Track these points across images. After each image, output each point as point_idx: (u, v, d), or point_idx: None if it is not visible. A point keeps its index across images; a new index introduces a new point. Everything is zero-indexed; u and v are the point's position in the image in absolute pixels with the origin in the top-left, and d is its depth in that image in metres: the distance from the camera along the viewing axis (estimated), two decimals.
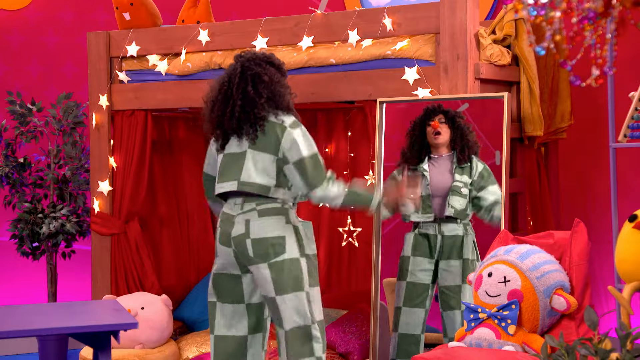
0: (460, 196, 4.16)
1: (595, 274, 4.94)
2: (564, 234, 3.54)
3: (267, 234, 3.71)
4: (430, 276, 4.26)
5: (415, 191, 3.95)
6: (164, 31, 5.14)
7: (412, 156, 4.28)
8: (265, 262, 3.70)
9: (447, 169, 4.22)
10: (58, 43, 6.25)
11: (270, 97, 3.77)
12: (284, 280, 3.70)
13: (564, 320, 3.36)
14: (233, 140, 3.81)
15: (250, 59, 3.83)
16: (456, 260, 4.17)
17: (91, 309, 3.97)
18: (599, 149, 5.03)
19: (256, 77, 3.77)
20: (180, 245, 5.78)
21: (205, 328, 5.43)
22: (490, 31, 4.46)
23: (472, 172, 4.19)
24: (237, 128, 3.76)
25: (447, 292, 4.19)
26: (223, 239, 3.80)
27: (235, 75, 3.80)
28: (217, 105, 3.82)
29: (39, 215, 5.58)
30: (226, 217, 3.80)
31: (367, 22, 4.49)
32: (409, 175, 4.19)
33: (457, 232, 4.18)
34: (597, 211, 5.03)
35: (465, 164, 4.19)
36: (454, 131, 4.23)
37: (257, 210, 3.73)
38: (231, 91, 3.78)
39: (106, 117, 5.28)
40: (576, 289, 3.38)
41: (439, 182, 4.21)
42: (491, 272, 3.39)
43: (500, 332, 3.29)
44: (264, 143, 3.73)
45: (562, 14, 2.01)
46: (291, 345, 3.73)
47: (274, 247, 3.71)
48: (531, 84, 4.44)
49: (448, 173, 4.22)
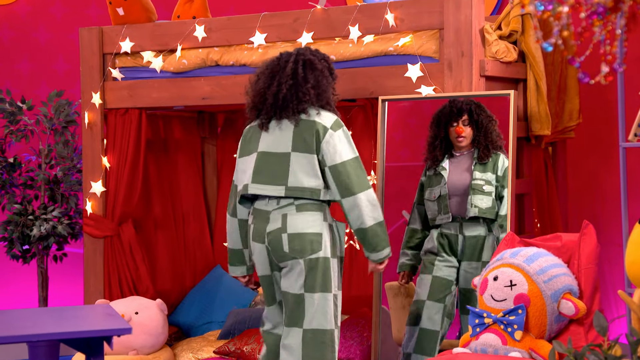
0: (483, 194, 4.14)
1: (604, 278, 4.95)
2: (572, 236, 3.54)
3: (305, 229, 3.75)
4: (455, 274, 4.24)
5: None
6: (159, 27, 5.14)
7: (434, 156, 4.27)
8: (301, 258, 3.75)
9: (466, 167, 4.21)
10: (49, 39, 6.25)
11: (315, 86, 3.84)
12: (316, 278, 3.74)
13: (572, 325, 3.36)
14: (273, 124, 3.85)
15: (307, 49, 3.97)
16: (477, 262, 4.17)
17: (83, 314, 3.97)
18: (608, 149, 5.04)
19: (308, 63, 3.89)
20: (175, 248, 5.79)
21: (201, 333, 5.43)
22: (496, 27, 4.46)
23: (495, 167, 4.17)
24: (281, 105, 3.81)
25: (468, 294, 4.19)
26: (256, 236, 3.84)
27: (289, 57, 3.91)
28: (262, 80, 3.92)
29: (29, 217, 5.58)
30: (259, 213, 3.83)
31: (368, 17, 4.49)
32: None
33: (480, 232, 4.18)
34: (607, 213, 5.04)
35: (487, 160, 4.18)
36: (477, 130, 4.21)
37: (296, 205, 3.76)
38: (281, 69, 3.88)
39: (99, 115, 5.28)
40: (585, 293, 3.38)
41: (457, 180, 4.20)
42: (497, 276, 3.39)
43: (507, 337, 3.29)
44: (304, 144, 3.78)
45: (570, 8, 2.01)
46: (307, 347, 3.75)
47: (312, 243, 3.75)
48: (538, 82, 4.45)
49: (466, 172, 4.20)
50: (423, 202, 4.34)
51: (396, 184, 4.50)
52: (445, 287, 4.20)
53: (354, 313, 5.11)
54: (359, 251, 5.53)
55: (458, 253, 4.21)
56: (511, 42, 4.46)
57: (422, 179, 4.34)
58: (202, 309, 5.55)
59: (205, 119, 5.98)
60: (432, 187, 4.25)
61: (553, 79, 4.69)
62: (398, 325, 4.46)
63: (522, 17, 4.39)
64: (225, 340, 5.17)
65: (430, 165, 4.27)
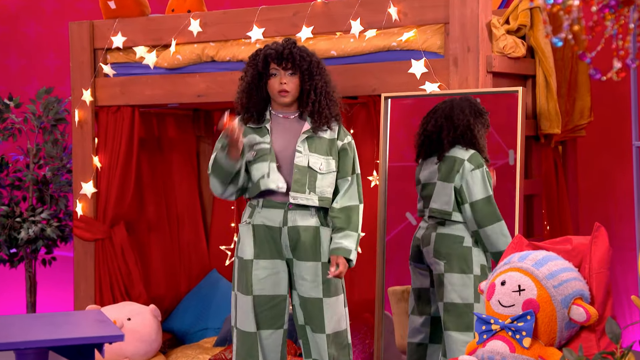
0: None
1: (617, 283, 4.94)
2: (584, 239, 3.54)
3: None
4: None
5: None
6: (153, 21, 5.14)
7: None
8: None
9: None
10: (38, 33, 6.25)
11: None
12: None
13: (583, 332, 3.36)
14: None
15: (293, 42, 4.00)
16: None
17: (73, 321, 3.97)
18: (621, 148, 5.03)
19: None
20: (169, 251, 5.79)
21: (196, 340, 5.43)
22: (504, 21, 4.46)
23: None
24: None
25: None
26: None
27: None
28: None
29: (17, 219, 5.58)
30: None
31: (370, 11, 4.49)
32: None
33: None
34: (619, 215, 5.04)
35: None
36: None
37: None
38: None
39: (90, 113, 5.28)
40: (597, 298, 3.38)
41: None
42: (504, 280, 3.38)
43: (515, 345, 3.29)
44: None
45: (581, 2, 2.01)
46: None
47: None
48: (548, 78, 4.45)
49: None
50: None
51: (399, 184, 4.50)
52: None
53: (356, 319, 5.10)
54: (360, 254, 5.53)
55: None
56: (519, 37, 4.46)
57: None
58: (197, 315, 5.55)
59: (201, 117, 5.98)
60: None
61: (563, 75, 4.69)
62: (401, 331, 4.45)
63: (530, 10, 4.39)
64: (221, 347, 5.17)
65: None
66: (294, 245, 3.88)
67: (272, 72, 3.89)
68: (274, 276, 3.90)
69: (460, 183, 4.04)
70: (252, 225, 3.91)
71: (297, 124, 3.94)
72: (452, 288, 4.04)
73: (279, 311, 3.91)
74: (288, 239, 3.87)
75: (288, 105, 3.92)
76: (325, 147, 3.91)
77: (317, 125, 3.87)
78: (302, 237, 3.86)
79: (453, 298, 4.03)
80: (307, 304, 3.89)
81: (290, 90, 3.87)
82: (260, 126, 3.94)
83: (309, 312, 3.89)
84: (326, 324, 3.89)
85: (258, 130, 3.94)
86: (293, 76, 3.89)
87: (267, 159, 3.88)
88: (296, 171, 3.85)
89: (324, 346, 3.88)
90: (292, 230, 3.87)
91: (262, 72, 3.90)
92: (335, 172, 3.93)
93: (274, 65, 3.88)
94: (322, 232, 3.90)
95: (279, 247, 3.90)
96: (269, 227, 3.89)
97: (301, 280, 3.88)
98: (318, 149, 3.90)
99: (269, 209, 3.89)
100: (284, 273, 3.92)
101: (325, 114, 3.89)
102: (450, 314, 4.04)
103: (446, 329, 4.06)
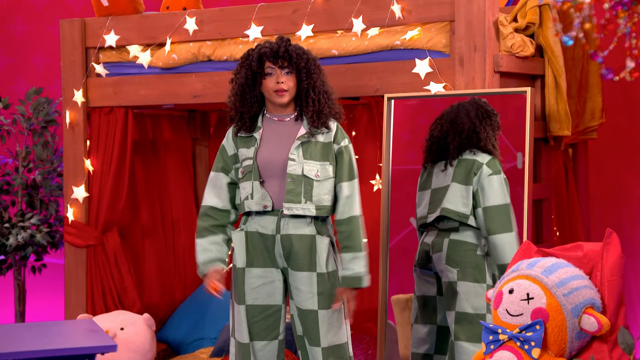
0: None
1: (630, 291, 4.94)
2: (595, 245, 3.54)
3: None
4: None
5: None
6: (147, 19, 5.15)
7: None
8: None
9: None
10: (27, 32, 6.26)
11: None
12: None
13: (595, 342, 3.36)
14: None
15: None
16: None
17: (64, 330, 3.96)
18: (633, 151, 5.04)
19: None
20: (164, 258, 5.79)
21: (192, 351, 5.43)
22: (512, 19, 4.46)
23: None
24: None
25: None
26: None
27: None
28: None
29: (5, 224, 5.58)
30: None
31: (373, 8, 4.49)
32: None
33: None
34: (632, 220, 5.03)
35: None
36: None
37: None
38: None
39: (81, 114, 5.28)
40: (608, 307, 3.38)
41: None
42: (512, 288, 3.38)
43: (523, 355, 3.28)
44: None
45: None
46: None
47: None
48: (557, 78, 4.45)
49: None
50: None
51: (403, 188, 4.50)
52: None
53: (358, 328, 5.10)
54: None
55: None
56: (528, 36, 4.46)
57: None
58: (193, 325, 5.55)
59: (197, 118, 5.98)
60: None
61: (573, 75, 4.69)
62: (405, 341, 4.45)
63: (539, 8, 4.39)
64: (218, 357, 5.17)
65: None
66: (287, 254, 3.86)
67: (268, 72, 3.86)
68: (267, 285, 3.88)
69: (477, 187, 4.04)
70: (245, 232, 3.89)
71: (292, 128, 3.90)
72: (465, 297, 4.03)
73: (274, 322, 3.88)
74: (281, 247, 3.86)
75: (285, 106, 3.90)
76: (321, 152, 3.87)
77: (316, 126, 3.86)
78: (295, 247, 3.83)
79: (465, 308, 4.03)
80: (302, 315, 3.87)
81: (287, 89, 3.84)
82: (250, 135, 3.91)
83: (304, 323, 3.87)
84: (321, 337, 3.84)
85: (247, 139, 3.91)
86: (290, 75, 3.86)
87: (250, 177, 3.87)
88: (289, 180, 3.81)
89: (320, 359, 3.85)
90: (285, 238, 3.84)
91: (256, 72, 3.87)
92: (333, 177, 3.88)
93: (269, 64, 3.85)
94: (319, 242, 3.85)
95: (273, 256, 3.88)
96: (262, 235, 3.87)
97: (296, 290, 3.86)
98: (313, 155, 3.85)
99: (262, 216, 3.87)
100: (279, 282, 3.89)
101: (326, 113, 3.88)
102: (462, 324, 4.04)
103: (457, 339, 4.05)
